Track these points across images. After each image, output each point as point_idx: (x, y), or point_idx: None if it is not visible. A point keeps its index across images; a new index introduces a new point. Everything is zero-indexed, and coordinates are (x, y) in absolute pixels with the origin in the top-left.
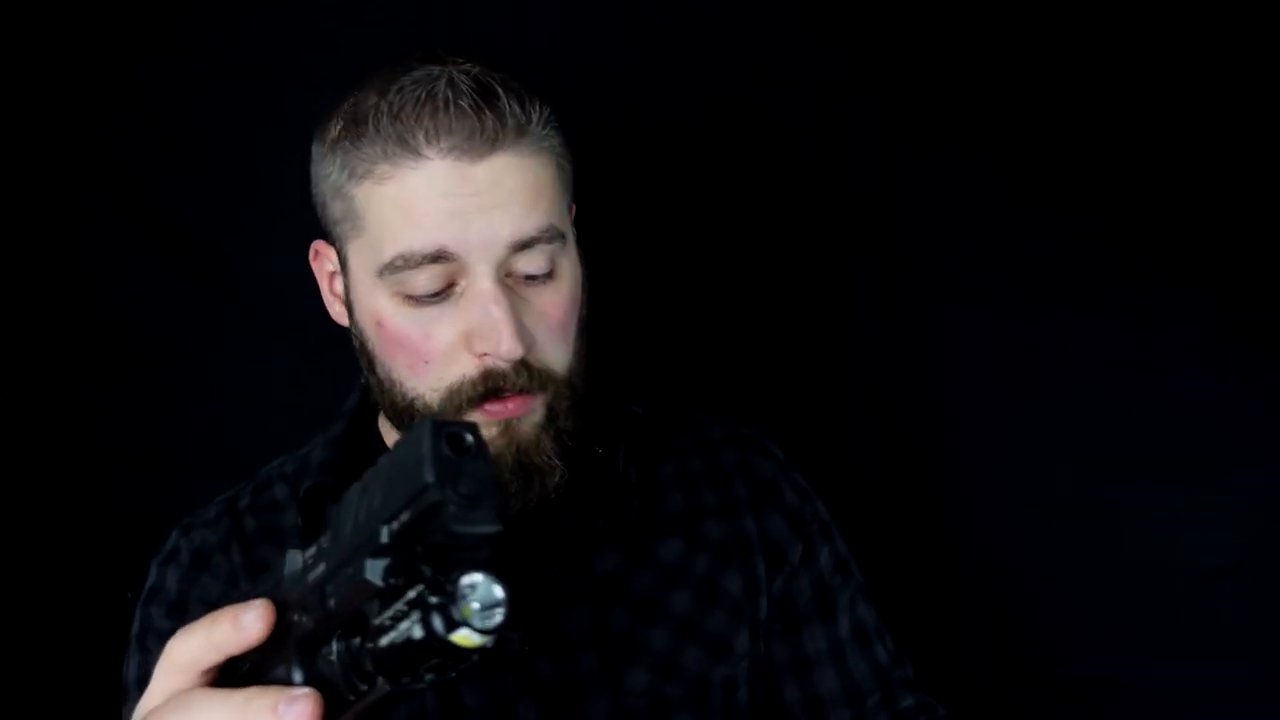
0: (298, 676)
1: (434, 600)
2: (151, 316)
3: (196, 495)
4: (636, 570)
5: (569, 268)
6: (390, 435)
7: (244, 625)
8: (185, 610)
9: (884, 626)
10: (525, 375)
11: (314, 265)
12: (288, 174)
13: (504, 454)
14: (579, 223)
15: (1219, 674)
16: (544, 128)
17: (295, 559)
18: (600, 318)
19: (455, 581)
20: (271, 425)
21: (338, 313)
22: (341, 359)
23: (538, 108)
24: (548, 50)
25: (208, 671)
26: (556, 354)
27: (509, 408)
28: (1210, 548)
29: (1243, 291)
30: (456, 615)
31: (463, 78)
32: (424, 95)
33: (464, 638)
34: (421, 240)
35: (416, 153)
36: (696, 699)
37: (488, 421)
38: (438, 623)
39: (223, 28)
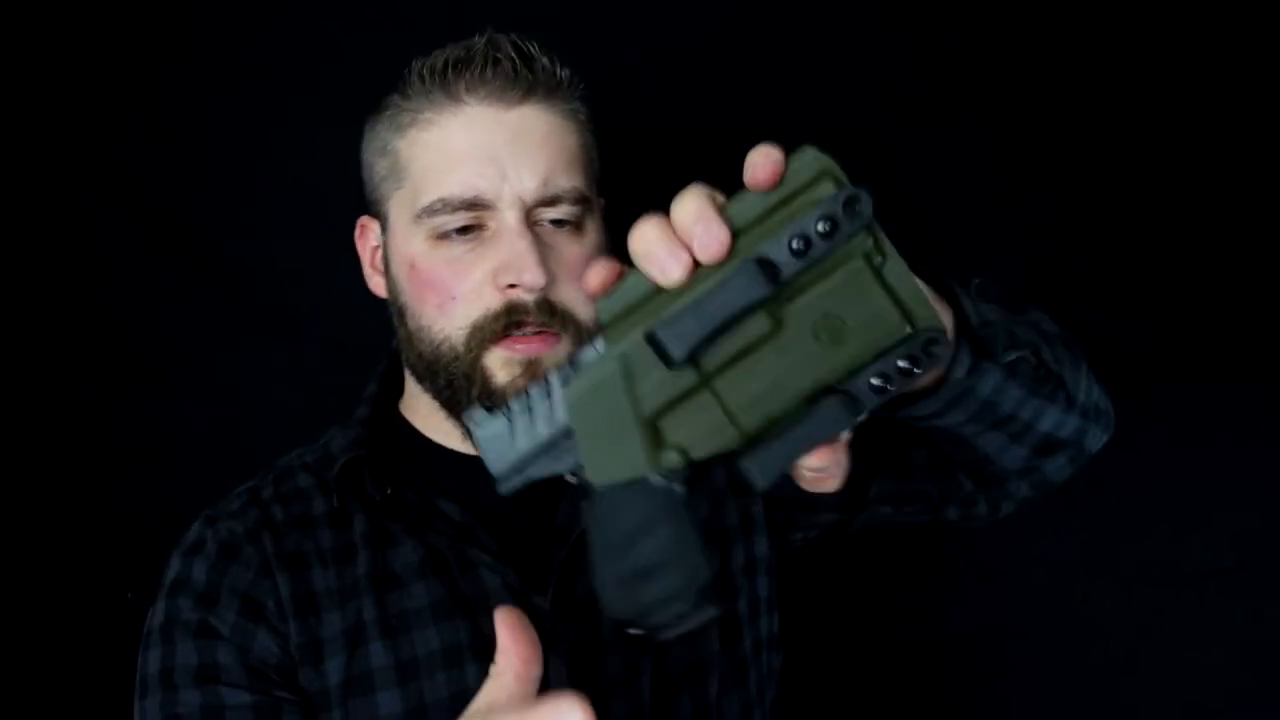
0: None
1: None
2: (151, 316)
3: (197, 494)
4: None
5: (595, 232)
6: (416, 415)
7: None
8: (216, 600)
9: None
10: (546, 311)
11: (358, 242)
12: (288, 173)
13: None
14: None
15: (1219, 673)
16: (574, 95)
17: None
18: None
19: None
20: (271, 424)
21: (376, 284)
22: (342, 359)
23: (569, 76)
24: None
25: None
26: (578, 299)
27: (531, 346)
28: (1210, 547)
29: (1239, 293)
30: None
31: (501, 39)
32: (465, 52)
33: None
34: (459, 185)
35: (458, 99)
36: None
37: (509, 359)
38: None
39: (224, 28)
